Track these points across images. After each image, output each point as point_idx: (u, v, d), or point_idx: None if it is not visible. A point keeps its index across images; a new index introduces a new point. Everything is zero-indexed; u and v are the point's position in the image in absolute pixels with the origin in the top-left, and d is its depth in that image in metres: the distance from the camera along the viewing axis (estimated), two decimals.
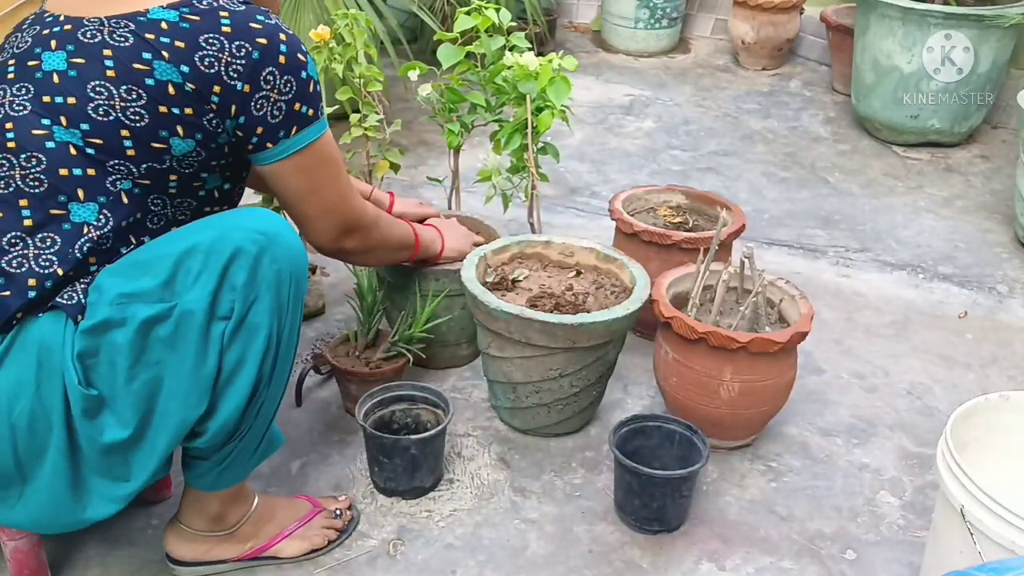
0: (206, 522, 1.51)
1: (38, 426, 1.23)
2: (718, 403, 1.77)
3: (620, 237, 2.17)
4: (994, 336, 2.34)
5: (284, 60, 1.28)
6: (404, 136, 3.23)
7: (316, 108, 1.35)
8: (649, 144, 3.45)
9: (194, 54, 1.23)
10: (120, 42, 1.23)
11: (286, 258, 1.30)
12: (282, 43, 1.28)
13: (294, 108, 1.31)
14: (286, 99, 1.30)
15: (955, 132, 3.39)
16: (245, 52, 1.25)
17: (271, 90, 1.28)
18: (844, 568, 1.63)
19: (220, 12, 1.26)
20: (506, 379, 1.82)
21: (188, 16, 1.24)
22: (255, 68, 1.26)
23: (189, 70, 1.23)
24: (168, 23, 1.24)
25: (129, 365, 1.22)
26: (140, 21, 1.24)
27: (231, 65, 1.25)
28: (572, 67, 2.07)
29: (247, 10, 1.28)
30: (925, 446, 1.93)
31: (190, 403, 1.27)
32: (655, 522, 1.66)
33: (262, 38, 1.26)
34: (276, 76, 1.28)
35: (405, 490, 1.71)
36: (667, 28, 4.40)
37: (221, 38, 1.24)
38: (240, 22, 1.26)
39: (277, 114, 1.30)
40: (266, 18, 1.29)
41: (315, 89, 1.34)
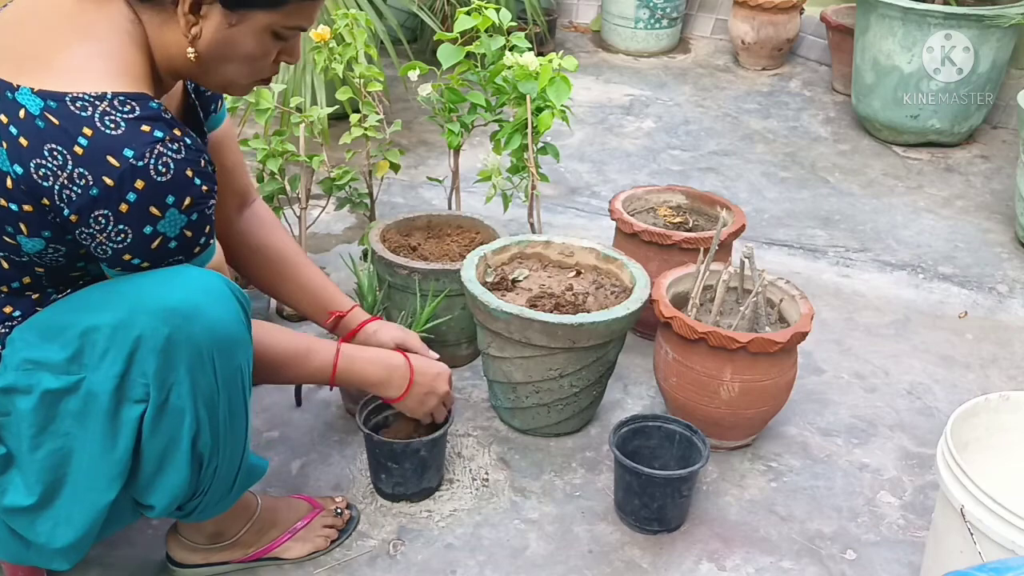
0: (205, 538, 1.51)
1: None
2: (718, 403, 1.77)
3: (620, 237, 2.17)
4: (994, 336, 2.34)
5: (126, 209, 1.07)
6: (404, 136, 3.23)
7: (157, 262, 1.14)
8: (649, 144, 3.45)
9: (32, 159, 1.06)
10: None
11: (206, 335, 1.17)
12: (133, 191, 1.06)
13: (123, 257, 1.12)
14: (114, 246, 1.11)
15: (955, 132, 3.39)
16: (84, 184, 1.06)
17: (99, 232, 1.09)
18: (844, 568, 1.63)
19: (84, 127, 1.05)
20: (506, 379, 1.82)
21: (48, 115, 1.05)
22: (89, 204, 1.07)
23: (22, 172, 1.07)
24: (27, 113, 1.06)
25: (33, 433, 1.17)
26: (6, 98, 1.07)
27: (64, 188, 1.06)
28: (572, 67, 2.07)
29: (121, 135, 1.06)
30: (925, 446, 1.93)
31: (99, 485, 1.20)
32: (655, 522, 1.66)
33: (110, 179, 1.06)
34: (109, 223, 1.08)
35: (414, 493, 1.71)
36: (667, 28, 4.40)
37: (67, 155, 1.05)
38: (98, 149, 1.05)
39: (101, 253, 1.13)
40: (136, 155, 1.06)
41: (164, 246, 1.12)
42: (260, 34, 1.18)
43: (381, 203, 2.53)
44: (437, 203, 2.77)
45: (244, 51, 1.19)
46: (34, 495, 1.19)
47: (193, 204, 1.12)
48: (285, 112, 2.16)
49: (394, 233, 2.11)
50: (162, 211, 1.10)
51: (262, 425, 1.88)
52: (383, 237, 2.07)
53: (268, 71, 1.26)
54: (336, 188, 2.21)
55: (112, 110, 1.06)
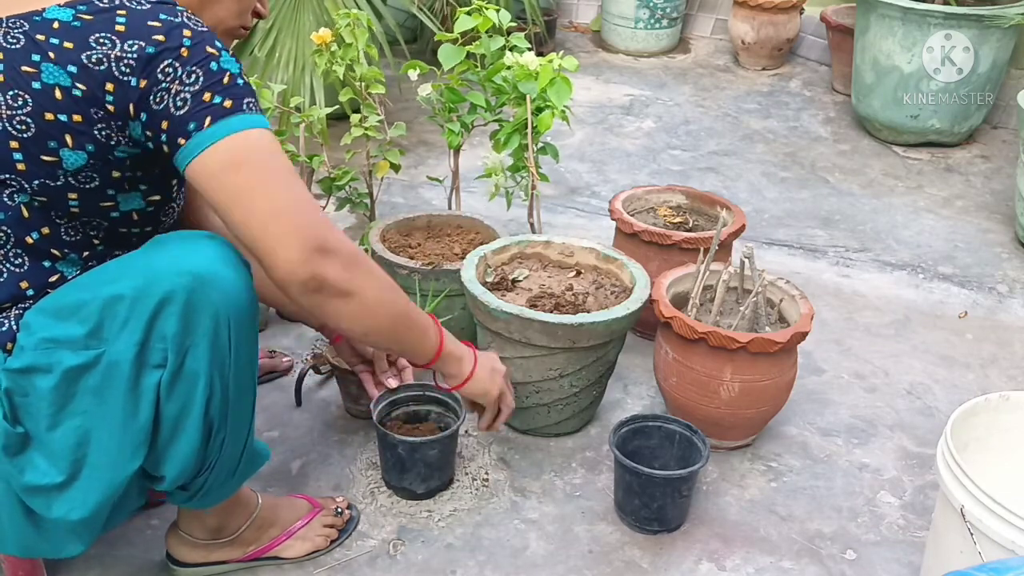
0: (205, 532, 1.51)
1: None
2: (718, 403, 1.77)
3: (620, 237, 2.17)
4: (994, 336, 2.34)
5: (187, 52, 1.14)
6: (404, 136, 3.23)
7: (237, 100, 1.17)
8: (649, 144, 3.45)
9: (82, 53, 1.12)
10: (12, 44, 1.13)
11: (223, 299, 1.19)
12: (185, 37, 1.14)
13: (203, 98, 1.15)
14: (191, 89, 1.14)
15: (955, 132, 3.39)
16: (138, 48, 1.13)
17: (172, 82, 1.14)
18: (844, 568, 1.63)
19: (118, 11, 1.14)
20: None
21: (82, 15, 1.14)
22: (150, 62, 1.13)
23: (77, 70, 1.12)
24: (60, 22, 1.13)
25: (53, 412, 1.18)
26: (35, 21, 1.13)
27: (122, 60, 1.13)
28: (572, 67, 2.07)
29: (151, 9, 1.15)
30: (925, 446, 1.93)
31: (123, 455, 1.21)
32: (655, 522, 1.66)
33: (159, 35, 1.14)
34: (177, 68, 1.14)
35: (439, 486, 1.73)
36: (667, 28, 4.40)
37: (113, 37, 1.13)
38: (137, 20, 1.14)
39: (182, 105, 1.14)
40: (170, 15, 1.15)
41: (233, 81, 1.17)
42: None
43: (381, 203, 2.53)
44: (437, 203, 2.77)
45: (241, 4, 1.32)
46: (62, 473, 1.20)
47: (233, 54, 1.20)
48: (285, 112, 2.16)
49: (394, 233, 2.11)
50: (217, 49, 1.17)
51: (262, 425, 1.88)
52: (383, 237, 2.07)
53: (247, 19, 1.37)
54: (336, 188, 2.21)
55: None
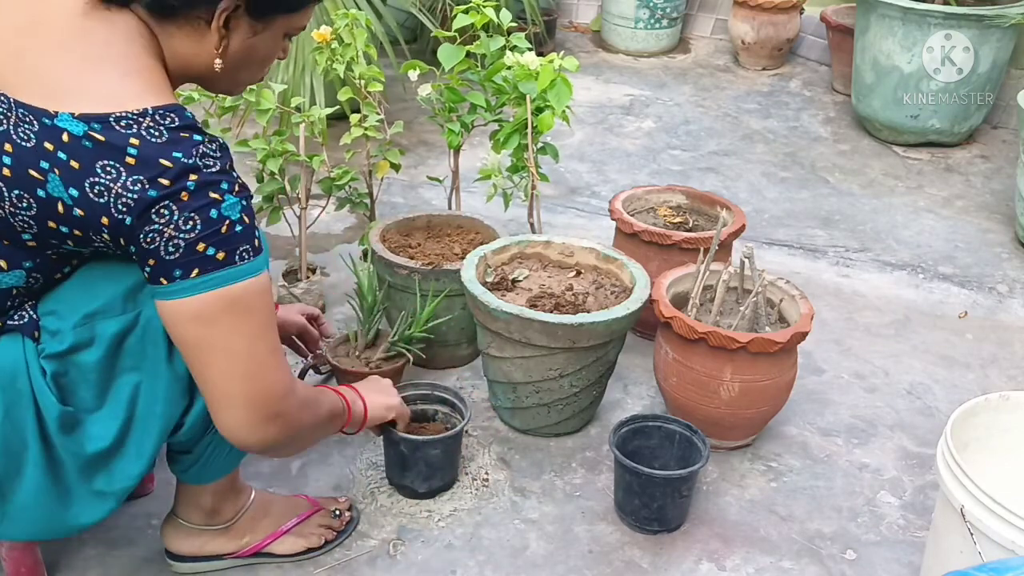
0: (201, 516, 1.51)
1: (12, 447, 1.21)
2: (718, 403, 1.77)
3: (620, 237, 2.17)
4: (994, 336, 2.34)
5: (187, 197, 1.09)
6: (404, 136, 3.23)
7: (231, 251, 1.13)
8: (649, 144, 3.45)
9: (86, 179, 1.08)
10: (23, 140, 1.08)
11: None
12: (190, 181, 1.09)
13: (196, 248, 1.11)
14: (185, 237, 1.10)
15: (955, 132, 3.39)
16: (140, 189, 1.08)
17: (165, 225, 1.09)
18: (844, 568, 1.63)
19: (131, 140, 1.08)
20: (506, 379, 1.82)
21: (94, 134, 1.07)
22: (148, 206, 1.08)
23: (78, 195, 1.09)
24: (71, 136, 1.07)
25: (101, 380, 1.22)
26: (45, 124, 1.08)
27: (120, 198, 1.08)
28: (573, 67, 2.07)
29: (165, 143, 1.09)
30: (925, 446, 1.93)
31: (172, 400, 1.27)
32: (655, 522, 1.66)
33: (165, 179, 1.08)
34: (174, 212, 1.09)
35: (447, 483, 1.74)
36: (667, 28, 4.40)
37: (120, 168, 1.08)
38: (148, 156, 1.08)
39: (173, 251, 1.11)
40: (184, 154, 1.09)
41: (231, 231, 1.12)
42: (275, 38, 1.25)
43: (381, 203, 2.53)
44: (437, 203, 2.77)
45: (262, 55, 1.25)
46: (110, 437, 1.24)
47: (240, 189, 1.15)
48: (285, 112, 2.16)
49: (394, 233, 2.11)
50: (220, 195, 1.12)
51: None
52: (383, 237, 2.07)
53: (267, 71, 1.33)
54: (336, 188, 2.21)
55: (154, 124, 1.09)
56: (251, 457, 1.76)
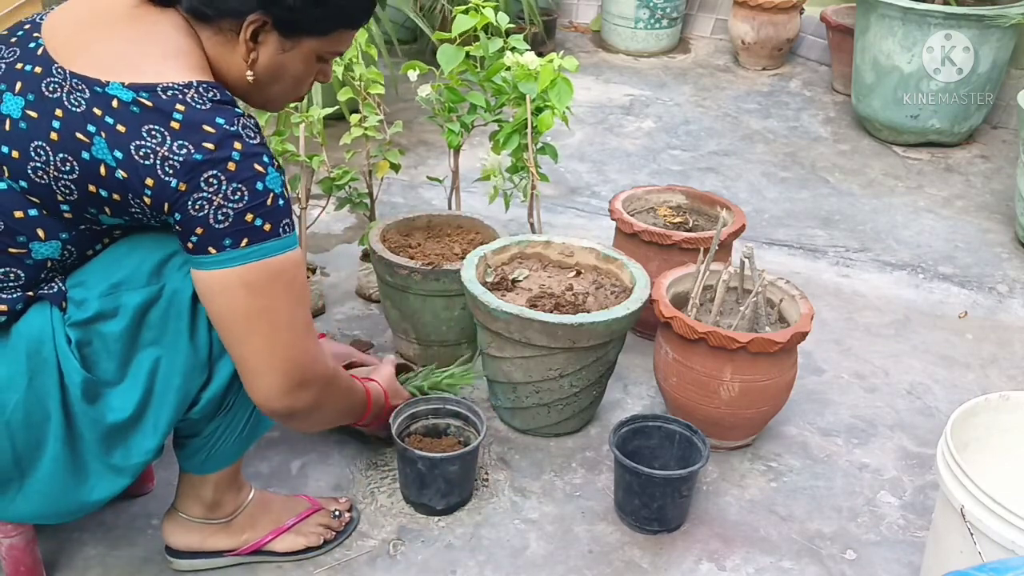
0: (202, 509, 1.52)
1: (34, 418, 1.23)
2: (718, 403, 1.77)
3: (620, 237, 2.17)
4: (994, 336, 2.34)
5: (234, 167, 1.14)
6: (404, 136, 3.23)
7: (276, 223, 1.19)
8: (649, 144, 3.45)
9: (132, 141, 1.13)
10: (73, 106, 1.14)
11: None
12: (235, 150, 1.14)
13: (245, 218, 1.16)
14: (235, 207, 1.15)
15: (955, 132, 3.39)
16: (186, 152, 1.13)
17: (215, 194, 1.14)
18: (844, 568, 1.63)
19: (177, 105, 1.14)
20: (506, 379, 1.82)
21: (141, 101, 1.13)
22: (194, 168, 1.13)
23: (123, 156, 1.13)
24: (120, 102, 1.13)
25: (124, 350, 1.25)
26: (96, 92, 1.14)
27: (168, 160, 1.13)
28: (573, 68, 2.07)
29: (210, 110, 1.15)
30: (925, 446, 1.93)
31: (191, 375, 1.30)
32: (655, 522, 1.66)
33: (210, 143, 1.13)
34: (222, 181, 1.14)
35: (465, 499, 1.72)
36: (667, 28, 4.40)
37: (165, 132, 1.13)
38: (193, 121, 1.13)
39: (223, 219, 1.15)
40: (227, 121, 1.15)
41: (276, 203, 1.18)
42: (307, 58, 1.28)
43: (381, 203, 2.53)
44: (437, 203, 2.77)
45: (293, 73, 1.29)
46: (130, 408, 1.26)
47: (278, 166, 1.20)
48: (284, 112, 2.16)
49: (394, 233, 2.11)
50: (264, 167, 1.17)
51: None
52: (383, 237, 2.07)
53: (304, 90, 1.36)
54: (336, 188, 2.21)
55: (198, 95, 1.15)
56: (251, 457, 1.77)
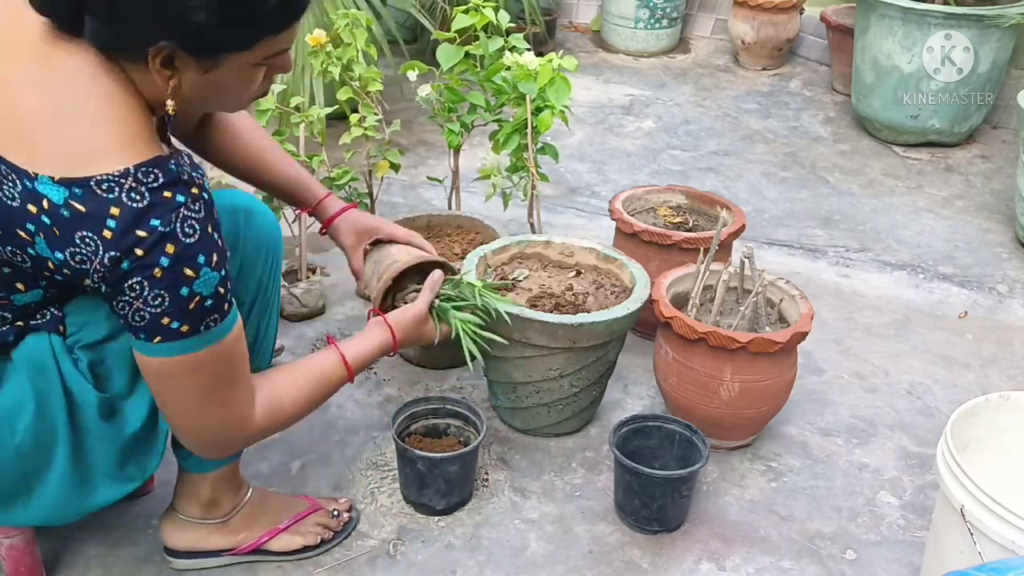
0: (199, 508, 1.52)
1: (43, 440, 1.24)
2: (718, 403, 1.77)
3: (620, 237, 2.17)
4: (994, 336, 2.34)
5: (160, 274, 1.08)
6: (404, 136, 3.23)
7: (197, 324, 1.13)
8: (649, 144, 3.45)
9: (67, 247, 1.07)
10: (8, 199, 1.06)
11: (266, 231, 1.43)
12: (164, 255, 1.07)
13: (161, 321, 1.12)
14: (152, 311, 1.11)
15: (955, 132, 3.39)
16: (112, 260, 1.06)
17: (135, 298, 1.10)
18: (844, 568, 1.63)
19: (111, 208, 1.05)
20: (506, 379, 1.82)
21: (74, 203, 1.04)
22: (120, 276, 1.08)
23: (62, 259, 1.08)
24: (50, 203, 1.05)
25: (134, 365, 1.24)
26: (27, 188, 1.05)
27: (98, 271, 1.08)
28: (572, 67, 2.07)
29: (145, 208, 1.06)
30: (925, 446, 1.93)
31: None
32: (655, 522, 1.66)
33: (140, 249, 1.06)
34: (145, 287, 1.09)
35: (465, 498, 1.72)
36: (667, 28, 4.40)
37: (98, 241, 1.06)
38: (126, 227, 1.05)
39: (139, 320, 1.12)
40: (163, 222, 1.06)
41: (200, 305, 1.12)
42: (240, 70, 1.15)
43: (381, 203, 2.53)
44: (437, 203, 2.77)
45: (228, 88, 1.17)
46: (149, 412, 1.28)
47: (219, 260, 1.13)
48: (284, 112, 2.16)
49: None
50: (196, 270, 1.10)
51: None
52: None
53: (261, 90, 1.22)
54: (336, 188, 2.21)
55: (136, 185, 1.06)
56: (251, 456, 1.77)
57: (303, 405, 1.36)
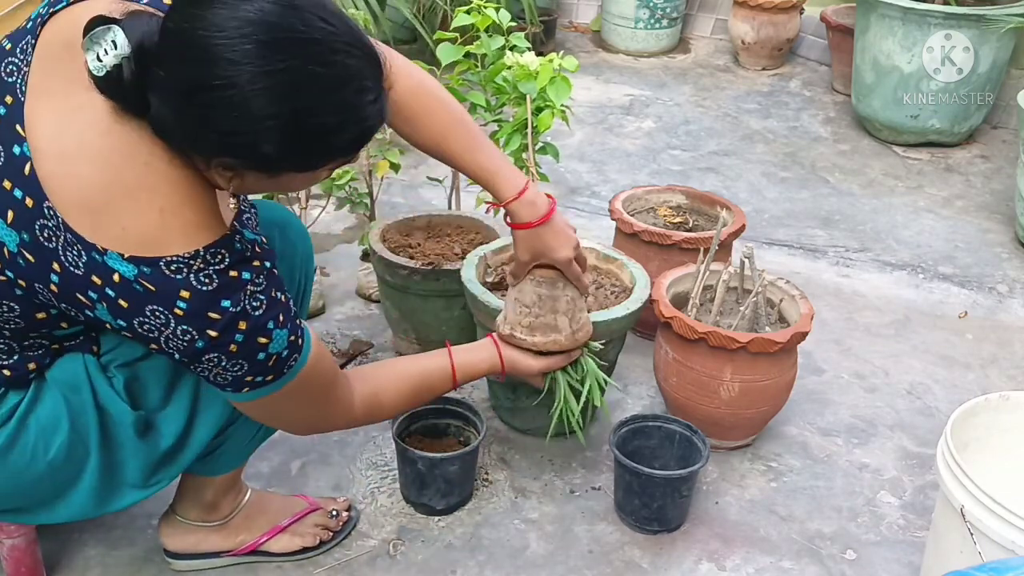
0: (199, 511, 1.52)
1: (76, 456, 1.25)
2: (718, 403, 1.77)
3: (620, 237, 2.17)
4: (994, 336, 2.34)
5: (236, 349, 1.11)
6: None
7: (279, 371, 1.17)
8: (649, 144, 3.45)
9: (135, 317, 1.07)
10: (71, 265, 1.06)
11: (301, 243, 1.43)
12: (239, 332, 1.09)
13: (244, 379, 1.15)
14: (234, 374, 1.14)
15: (955, 132, 3.39)
16: (189, 339, 1.08)
17: (214, 367, 1.13)
18: (844, 568, 1.63)
19: (181, 291, 1.06)
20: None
21: (144, 281, 1.05)
22: (197, 353, 1.10)
23: (126, 326, 1.09)
24: (121, 277, 1.05)
25: (171, 378, 1.27)
26: (94, 259, 1.05)
27: (171, 340, 1.09)
28: (572, 67, 2.07)
29: (215, 291, 1.07)
30: (925, 446, 1.93)
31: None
32: (655, 522, 1.66)
33: (214, 331, 1.08)
34: (222, 359, 1.11)
35: (464, 498, 1.72)
36: (667, 28, 4.40)
37: (170, 316, 1.07)
38: (197, 305, 1.06)
39: (222, 381, 1.15)
40: (233, 303, 1.08)
41: (279, 358, 1.15)
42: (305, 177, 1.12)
43: (381, 203, 2.53)
44: (437, 203, 2.77)
45: (290, 187, 1.16)
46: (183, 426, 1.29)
47: (286, 317, 1.15)
48: None
49: (394, 233, 2.11)
50: (268, 336, 1.12)
51: None
52: (383, 237, 2.07)
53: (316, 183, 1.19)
54: (336, 188, 2.21)
55: (205, 266, 1.06)
56: (252, 456, 1.76)
57: (402, 404, 1.44)
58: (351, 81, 1.01)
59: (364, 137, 1.07)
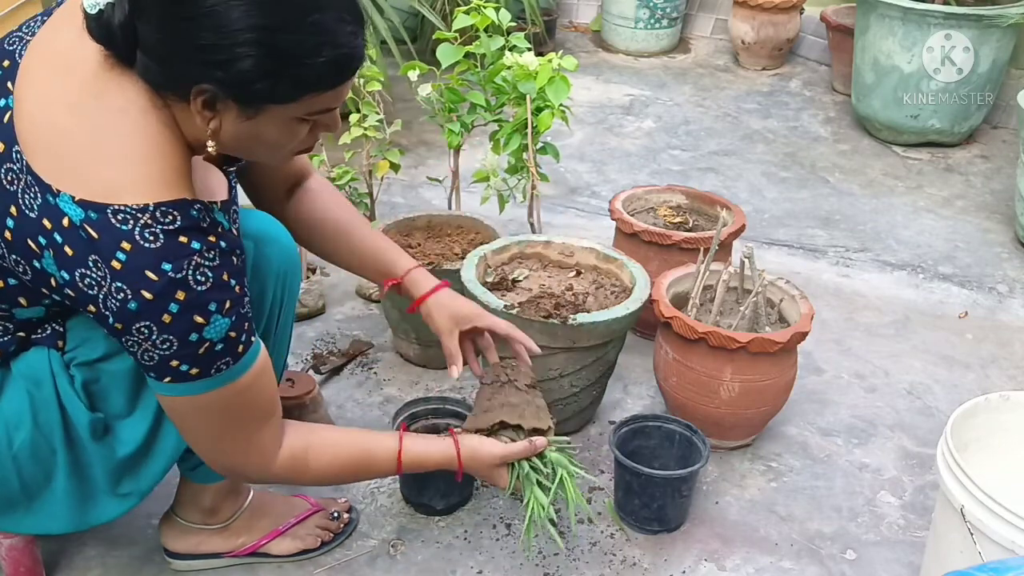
0: (200, 515, 1.52)
1: (41, 453, 1.25)
2: (718, 403, 1.77)
3: (620, 237, 2.17)
4: (994, 336, 2.34)
5: (169, 320, 1.07)
6: (404, 136, 3.23)
7: (207, 367, 1.12)
8: (649, 144, 3.45)
9: (77, 268, 1.06)
10: (26, 209, 1.06)
11: (282, 257, 1.38)
12: (174, 302, 1.06)
13: (170, 363, 1.11)
14: (161, 354, 1.10)
15: (955, 132, 3.39)
16: (122, 297, 1.05)
17: (144, 341, 1.08)
18: (844, 568, 1.63)
19: (123, 241, 1.04)
20: None
21: (89, 226, 1.04)
22: (129, 317, 1.06)
23: (69, 279, 1.07)
24: (69, 221, 1.04)
25: (134, 385, 1.26)
26: (48, 201, 1.05)
27: (107, 299, 1.06)
28: (572, 67, 2.07)
29: (159, 249, 1.05)
30: (925, 446, 1.93)
31: None
32: (655, 522, 1.66)
33: (149, 292, 1.05)
34: (153, 332, 1.07)
35: (465, 498, 1.71)
36: (667, 28, 4.40)
37: (107, 270, 1.05)
38: (135, 266, 1.04)
39: (148, 360, 1.11)
40: (175, 268, 1.05)
41: (211, 350, 1.11)
42: (283, 123, 1.13)
43: (381, 203, 2.53)
44: (437, 203, 2.77)
45: (268, 139, 1.15)
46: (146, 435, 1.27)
47: (232, 306, 1.12)
48: None
49: (394, 233, 2.11)
50: (207, 317, 1.09)
51: None
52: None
53: (304, 145, 1.20)
54: (336, 188, 2.21)
55: (153, 222, 1.05)
56: None
57: (332, 475, 1.34)
58: (330, 8, 1.06)
59: (339, 66, 1.09)
